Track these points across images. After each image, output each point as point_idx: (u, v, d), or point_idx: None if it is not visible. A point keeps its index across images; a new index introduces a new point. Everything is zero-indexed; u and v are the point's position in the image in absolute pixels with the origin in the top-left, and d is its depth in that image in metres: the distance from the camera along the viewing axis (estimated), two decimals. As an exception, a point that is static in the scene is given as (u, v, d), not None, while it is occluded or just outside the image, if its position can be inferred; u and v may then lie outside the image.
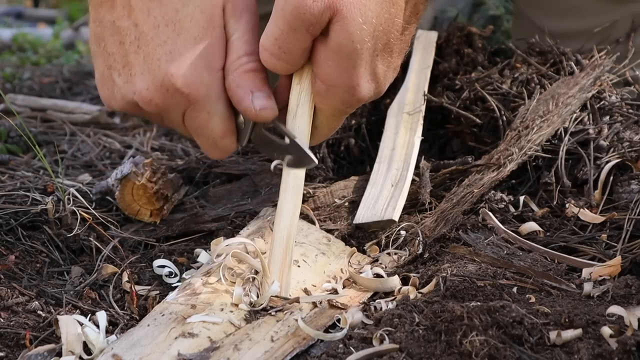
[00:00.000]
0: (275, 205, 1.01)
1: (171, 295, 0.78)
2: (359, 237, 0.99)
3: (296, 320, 0.73)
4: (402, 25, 0.76)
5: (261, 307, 0.77)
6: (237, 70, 0.82)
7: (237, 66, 0.82)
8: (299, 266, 0.86)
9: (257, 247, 0.80)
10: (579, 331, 0.66)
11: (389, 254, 0.93)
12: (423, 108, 1.17)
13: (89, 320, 0.76)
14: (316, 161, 0.79)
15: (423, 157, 1.10)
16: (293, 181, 0.79)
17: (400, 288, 0.82)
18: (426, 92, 1.20)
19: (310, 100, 0.79)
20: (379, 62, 0.77)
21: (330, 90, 0.76)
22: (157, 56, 0.81)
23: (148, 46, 0.82)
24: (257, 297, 0.78)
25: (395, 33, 0.76)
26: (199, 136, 0.85)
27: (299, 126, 0.79)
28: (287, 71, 0.78)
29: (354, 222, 0.99)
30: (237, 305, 0.76)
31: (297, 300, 0.78)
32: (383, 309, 0.77)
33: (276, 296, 0.78)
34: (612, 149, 1.07)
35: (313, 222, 0.99)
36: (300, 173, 0.80)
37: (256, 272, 0.81)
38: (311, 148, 0.80)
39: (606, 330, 0.65)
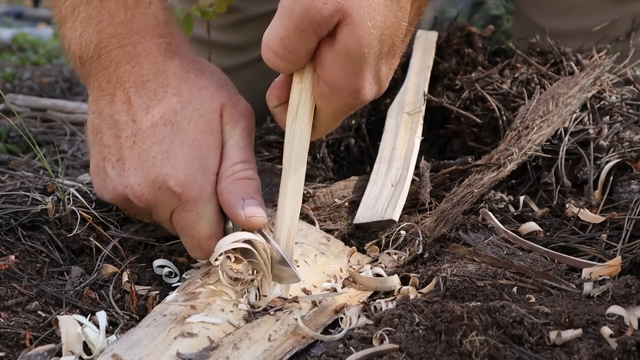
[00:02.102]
0: (275, 206, 1.01)
1: (171, 296, 0.78)
2: (359, 237, 0.99)
3: (295, 319, 0.73)
4: (407, 28, 0.76)
5: (261, 308, 0.77)
6: (231, 177, 0.84)
7: (231, 173, 0.84)
8: (298, 266, 0.86)
9: (264, 242, 0.79)
10: (579, 331, 0.66)
11: (389, 254, 0.93)
12: (423, 108, 1.17)
13: (89, 320, 0.76)
14: (300, 278, 0.79)
15: (423, 157, 1.10)
16: (293, 181, 0.79)
17: (400, 288, 0.82)
18: (426, 92, 1.20)
19: (311, 100, 0.78)
20: (383, 65, 0.76)
21: (334, 93, 0.76)
22: (152, 154, 0.83)
23: (144, 143, 0.84)
24: (256, 297, 0.78)
25: (400, 36, 0.76)
26: (185, 236, 0.86)
27: (299, 126, 0.79)
28: (289, 70, 0.78)
29: (354, 222, 0.99)
30: (236, 305, 0.76)
31: (296, 300, 0.78)
32: (383, 309, 0.77)
33: (278, 297, 0.78)
34: (612, 149, 1.07)
35: (313, 222, 0.99)
36: (301, 173, 0.80)
37: (255, 272, 0.80)
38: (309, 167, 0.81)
39: (606, 330, 0.65)
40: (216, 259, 0.78)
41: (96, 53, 0.86)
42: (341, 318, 0.75)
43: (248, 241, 0.78)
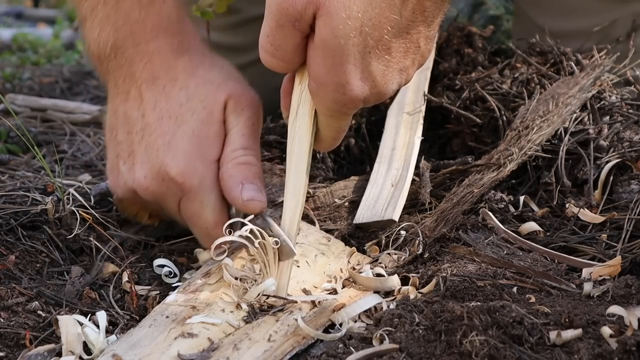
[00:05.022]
0: (275, 205, 1.01)
1: (171, 296, 0.78)
2: (359, 237, 0.99)
3: (296, 319, 0.73)
4: (402, 23, 0.73)
5: (254, 303, 0.76)
6: (232, 161, 0.85)
7: (232, 157, 0.85)
8: (298, 266, 0.86)
9: (263, 232, 0.78)
10: (579, 331, 0.66)
11: (389, 254, 0.93)
12: (423, 108, 1.17)
13: (89, 320, 0.76)
14: (295, 253, 0.79)
15: (423, 157, 1.10)
16: (294, 181, 0.79)
17: (400, 288, 0.82)
18: (426, 92, 1.20)
19: (311, 100, 0.78)
20: (372, 60, 0.73)
21: (321, 89, 0.75)
22: (156, 146, 0.85)
23: (150, 136, 0.86)
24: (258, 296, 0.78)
25: (389, 29, 0.72)
26: (193, 225, 0.88)
27: (300, 126, 0.79)
28: (283, 69, 0.77)
29: (354, 222, 0.99)
30: (237, 306, 0.76)
31: (295, 301, 0.78)
32: (383, 309, 0.77)
33: (275, 296, 0.78)
34: (612, 149, 1.07)
35: (313, 222, 0.99)
36: (302, 173, 0.80)
37: (259, 271, 0.80)
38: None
39: (606, 330, 0.65)
40: (220, 252, 0.78)
41: (112, 52, 0.88)
42: (341, 324, 0.75)
43: (247, 238, 0.77)
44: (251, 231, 0.76)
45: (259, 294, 0.77)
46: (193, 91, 0.87)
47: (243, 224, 0.78)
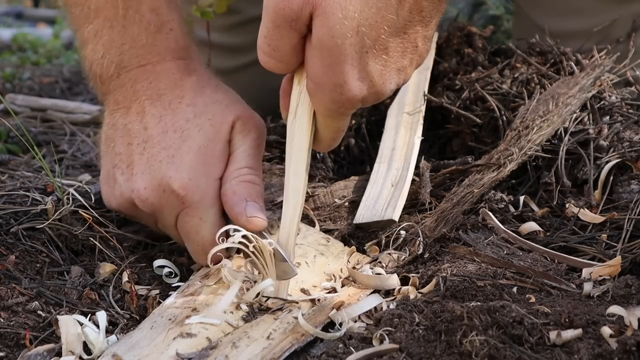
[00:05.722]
0: (274, 206, 1.01)
1: (170, 298, 0.78)
2: (359, 237, 0.99)
3: (295, 317, 0.73)
4: (399, 22, 0.73)
5: (254, 303, 0.76)
6: (236, 178, 0.85)
7: (237, 175, 0.85)
8: (298, 265, 0.86)
9: (262, 241, 0.78)
10: (579, 331, 0.66)
11: (389, 254, 0.93)
12: (423, 108, 1.17)
13: (89, 320, 0.76)
14: (297, 273, 0.79)
15: (423, 157, 1.10)
16: (293, 181, 0.79)
17: (400, 288, 0.82)
18: (426, 92, 1.20)
19: (309, 100, 0.78)
20: (370, 60, 0.73)
21: (318, 89, 0.75)
22: (159, 158, 0.85)
23: (153, 148, 0.86)
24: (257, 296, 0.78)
25: (387, 29, 0.72)
26: (189, 241, 0.87)
27: (299, 126, 0.79)
28: (282, 69, 0.77)
29: (354, 222, 0.99)
30: (236, 306, 0.76)
31: (295, 301, 0.78)
32: (383, 309, 0.77)
33: (275, 297, 0.78)
34: (612, 149, 1.07)
35: (313, 222, 0.99)
36: (301, 173, 0.80)
37: (258, 273, 0.80)
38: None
39: (606, 330, 0.65)
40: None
41: (116, 72, 0.89)
42: (341, 323, 0.75)
43: (242, 243, 0.77)
44: (245, 236, 0.76)
45: (257, 294, 0.77)
46: (201, 109, 0.88)
47: (237, 231, 0.77)
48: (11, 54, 2.95)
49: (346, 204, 1.05)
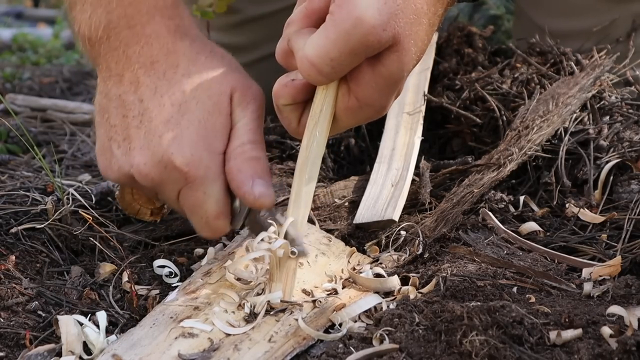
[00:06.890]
0: (274, 205, 1.01)
1: (171, 296, 0.78)
2: (359, 237, 0.99)
3: (296, 320, 0.73)
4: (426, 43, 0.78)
5: (259, 312, 0.76)
6: (241, 156, 0.84)
7: (241, 152, 0.84)
8: (301, 264, 0.86)
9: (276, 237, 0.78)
10: (579, 331, 0.66)
11: (389, 254, 0.93)
12: (423, 108, 1.17)
13: (89, 320, 0.76)
14: (308, 252, 0.79)
15: (423, 157, 1.10)
16: (307, 186, 0.78)
17: (400, 288, 0.82)
18: (426, 92, 1.20)
19: (332, 107, 0.77)
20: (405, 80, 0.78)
21: (363, 109, 0.77)
22: (158, 133, 0.83)
23: (151, 123, 0.84)
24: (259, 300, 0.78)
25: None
26: (193, 215, 0.86)
27: (319, 132, 0.77)
28: (322, 83, 0.77)
29: (354, 222, 0.99)
30: (238, 306, 0.76)
31: (297, 303, 0.78)
32: (383, 309, 0.77)
33: (282, 301, 0.78)
34: (612, 149, 1.07)
35: (313, 222, 0.99)
36: (315, 179, 0.79)
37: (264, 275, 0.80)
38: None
39: (606, 330, 0.65)
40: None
41: (105, 34, 0.87)
42: (341, 324, 0.75)
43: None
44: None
45: (264, 304, 0.77)
46: (197, 80, 0.86)
47: (247, 215, 0.80)
48: (11, 54, 2.95)
49: (346, 204, 1.05)
